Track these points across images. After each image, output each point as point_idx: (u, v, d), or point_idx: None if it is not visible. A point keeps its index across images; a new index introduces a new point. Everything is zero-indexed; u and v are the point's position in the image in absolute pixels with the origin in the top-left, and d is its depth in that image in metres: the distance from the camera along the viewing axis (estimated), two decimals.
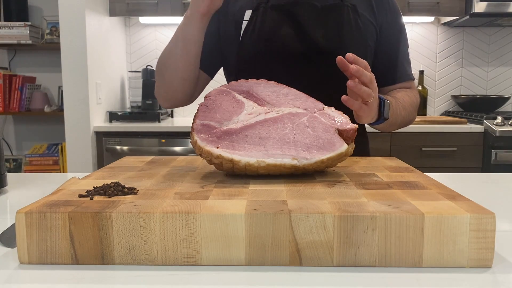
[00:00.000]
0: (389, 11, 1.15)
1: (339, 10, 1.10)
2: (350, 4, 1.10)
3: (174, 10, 2.75)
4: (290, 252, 0.51)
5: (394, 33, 1.16)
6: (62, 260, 0.52)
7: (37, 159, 3.02)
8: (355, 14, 1.11)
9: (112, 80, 2.96)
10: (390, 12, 1.15)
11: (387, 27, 1.15)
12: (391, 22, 1.15)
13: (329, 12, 1.09)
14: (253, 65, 1.09)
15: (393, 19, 1.16)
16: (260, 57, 1.09)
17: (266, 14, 1.10)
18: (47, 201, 0.56)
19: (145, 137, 2.59)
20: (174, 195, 0.60)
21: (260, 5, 1.11)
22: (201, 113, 0.74)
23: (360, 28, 1.10)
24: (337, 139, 0.71)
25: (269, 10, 1.10)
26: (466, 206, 0.54)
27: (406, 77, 1.16)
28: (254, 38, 1.09)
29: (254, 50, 1.09)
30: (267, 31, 1.09)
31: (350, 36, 1.09)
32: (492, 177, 1.08)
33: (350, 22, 1.10)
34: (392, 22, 1.16)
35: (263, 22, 1.09)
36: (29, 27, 2.90)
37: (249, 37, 1.10)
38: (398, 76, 1.16)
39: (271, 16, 1.10)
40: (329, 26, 1.09)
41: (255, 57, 1.09)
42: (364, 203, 0.55)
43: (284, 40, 1.09)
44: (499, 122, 2.49)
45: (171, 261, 0.52)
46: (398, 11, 1.18)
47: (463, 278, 0.49)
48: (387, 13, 1.15)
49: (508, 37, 3.11)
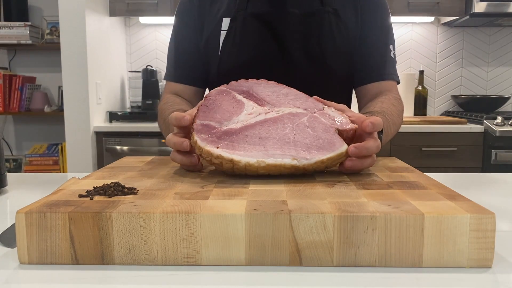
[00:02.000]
0: (372, 8, 1.11)
1: (319, 17, 1.07)
2: (332, 9, 1.07)
3: (174, 10, 2.75)
4: (290, 252, 0.51)
5: (376, 30, 1.12)
6: (62, 260, 0.52)
7: (37, 159, 3.02)
8: (338, 19, 1.08)
9: (112, 80, 2.96)
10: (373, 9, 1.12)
11: (368, 24, 1.11)
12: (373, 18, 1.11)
13: (310, 19, 1.06)
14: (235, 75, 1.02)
15: (376, 15, 1.12)
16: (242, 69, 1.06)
17: (246, 23, 1.06)
18: (47, 201, 0.56)
19: (145, 137, 2.59)
20: (174, 195, 0.60)
21: (238, 12, 1.07)
22: (201, 113, 0.74)
23: (342, 34, 1.08)
24: (337, 139, 0.71)
25: (248, 18, 1.06)
26: (466, 206, 0.54)
27: (387, 76, 1.12)
28: (236, 50, 1.06)
29: (235, 62, 1.06)
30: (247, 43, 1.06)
31: (331, 48, 1.07)
32: (492, 177, 1.08)
33: (332, 31, 1.07)
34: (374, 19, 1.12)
35: (243, 33, 1.06)
36: (29, 27, 2.91)
37: (230, 48, 1.07)
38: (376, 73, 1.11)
39: (251, 26, 1.06)
40: (309, 38, 1.06)
41: (236, 68, 1.06)
42: (364, 203, 0.55)
43: (265, 50, 1.06)
44: (499, 122, 2.49)
45: (171, 261, 0.52)
46: (383, 9, 1.13)
47: (463, 278, 0.49)
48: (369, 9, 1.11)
49: (508, 37, 3.11)
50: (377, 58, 1.12)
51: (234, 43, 1.06)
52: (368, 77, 1.12)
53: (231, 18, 1.07)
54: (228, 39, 1.07)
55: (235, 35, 1.06)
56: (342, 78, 1.12)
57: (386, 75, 1.12)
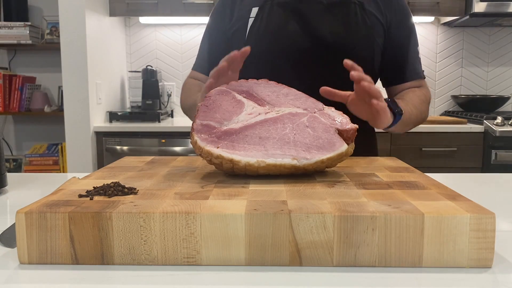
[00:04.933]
0: (397, 11, 1.15)
1: (346, 7, 1.10)
2: (357, 1, 1.10)
3: (174, 10, 2.75)
4: (290, 252, 0.51)
5: (403, 32, 1.16)
6: (62, 260, 0.52)
7: (37, 159, 3.02)
8: (362, 11, 1.11)
9: (112, 80, 2.96)
10: (399, 12, 1.15)
11: (396, 27, 1.15)
12: (400, 22, 1.15)
13: (336, 8, 1.10)
14: (259, 62, 1.09)
15: (401, 19, 1.16)
16: (266, 53, 1.10)
17: (272, 11, 1.10)
18: (47, 201, 0.56)
19: (145, 137, 2.58)
20: (174, 195, 0.60)
21: (266, 2, 1.11)
22: (201, 113, 0.74)
23: (367, 25, 1.10)
24: (337, 139, 0.71)
25: (275, 7, 1.10)
26: (466, 206, 0.54)
27: (415, 75, 1.17)
28: (260, 35, 1.10)
29: (260, 46, 1.09)
30: (273, 28, 1.09)
31: (357, 32, 1.09)
32: (492, 177, 1.08)
33: (357, 19, 1.10)
34: (401, 22, 1.15)
35: (269, 19, 1.10)
36: (29, 27, 2.90)
37: (255, 34, 1.10)
38: (407, 75, 1.16)
39: (277, 13, 1.10)
40: (335, 22, 1.09)
41: (261, 54, 1.10)
42: (364, 203, 0.55)
43: (290, 36, 1.09)
44: (499, 122, 2.49)
45: (171, 261, 0.52)
46: (407, 11, 1.18)
47: (463, 278, 0.49)
48: (395, 13, 1.15)
49: (508, 37, 3.10)
50: (409, 58, 1.17)
51: (259, 29, 1.10)
52: (401, 77, 1.17)
53: (259, 7, 1.11)
54: (254, 25, 1.11)
55: (262, 20, 1.10)
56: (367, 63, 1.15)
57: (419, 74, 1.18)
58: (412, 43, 1.17)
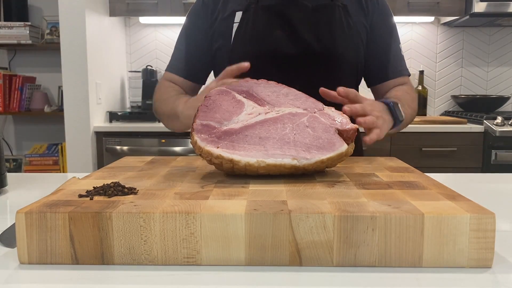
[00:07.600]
0: (379, 12, 1.16)
1: (330, 10, 1.10)
2: (341, 4, 1.11)
3: (174, 10, 2.75)
4: (290, 252, 0.51)
5: (385, 32, 1.17)
6: (62, 260, 0.52)
7: (37, 159, 3.02)
8: (346, 14, 1.11)
9: (112, 80, 2.96)
10: (381, 12, 1.16)
11: (378, 27, 1.16)
12: (381, 21, 1.16)
13: (320, 12, 1.09)
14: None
15: (383, 18, 1.17)
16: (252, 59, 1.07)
17: (257, 15, 1.09)
18: (47, 201, 0.56)
19: (145, 137, 2.58)
20: (174, 195, 0.60)
21: (250, 5, 1.10)
22: (201, 113, 0.74)
23: (351, 28, 1.11)
24: (337, 139, 0.71)
25: (259, 11, 1.09)
26: (466, 206, 0.54)
27: (399, 73, 1.18)
28: (246, 40, 1.09)
29: (246, 52, 1.08)
30: (259, 33, 1.09)
31: (342, 36, 1.10)
32: (492, 177, 1.08)
33: (342, 22, 1.10)
34: (382, 22, 1.17)
35: (254, 24, 1.09)
36: (29, 27, 2.90)
37: (240, 39, 1.09)
38: (390, 72, 1.17)
39: (262, 17, 1.09)
40: (320, 27, 1.09)
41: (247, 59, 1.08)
42: (364, 203, 0.55)
43: (276, 42, 1.08)
44: (499, 122, 2.49)
45: (171, 261, 0.52)
46: (388, 11, 1.19)
47: (463, 278, 0.49)
48: (378, 14, 1.16)
49: (508, 37, 3.11)
50: (391, 57, 1.17)
51: (245, 33, 1.09)
52: (384, 75, 1.18)
53: (243, 10, 1.10)
54: (240, 30, 1.10)
55: (247, 26, 1.09)
56: (352, 66, 1.16)
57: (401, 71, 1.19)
58: (393, 42, 1.18)
